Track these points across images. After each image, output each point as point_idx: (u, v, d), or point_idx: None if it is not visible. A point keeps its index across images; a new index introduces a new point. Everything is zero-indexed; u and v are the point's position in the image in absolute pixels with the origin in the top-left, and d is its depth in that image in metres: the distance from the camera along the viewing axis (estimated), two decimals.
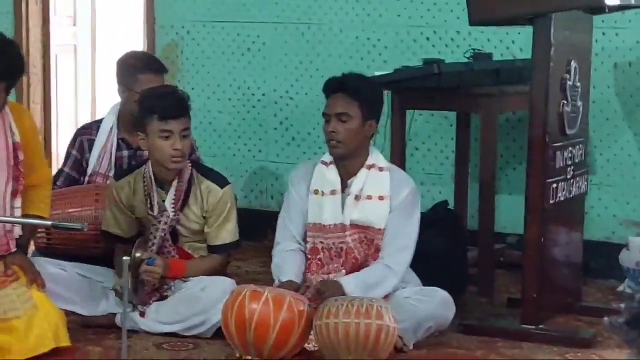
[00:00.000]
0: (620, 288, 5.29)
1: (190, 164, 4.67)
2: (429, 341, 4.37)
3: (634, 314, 2.64)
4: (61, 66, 7.56)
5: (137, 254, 4.45)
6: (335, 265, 4.42)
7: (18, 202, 4.27)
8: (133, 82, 5.12)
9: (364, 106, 4.42)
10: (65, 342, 4.17)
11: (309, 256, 4.49)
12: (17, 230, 4.23)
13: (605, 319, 5.03)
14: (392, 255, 4.39)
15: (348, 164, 4.48)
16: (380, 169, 4.49)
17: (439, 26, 6.01)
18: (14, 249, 4.25)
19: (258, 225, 5.92)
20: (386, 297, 4.32)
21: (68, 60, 7.68)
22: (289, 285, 4.29)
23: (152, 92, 4.74)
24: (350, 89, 4.43)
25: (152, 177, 4.62)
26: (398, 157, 5.16)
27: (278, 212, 4.71)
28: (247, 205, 6.31)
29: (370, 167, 4.47)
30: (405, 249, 4.42)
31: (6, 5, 7.25)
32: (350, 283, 4.29)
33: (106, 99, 5.54)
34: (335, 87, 4.47)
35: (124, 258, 3.24)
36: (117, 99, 5.30)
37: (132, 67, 5.20)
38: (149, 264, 4.46)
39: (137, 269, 4.46)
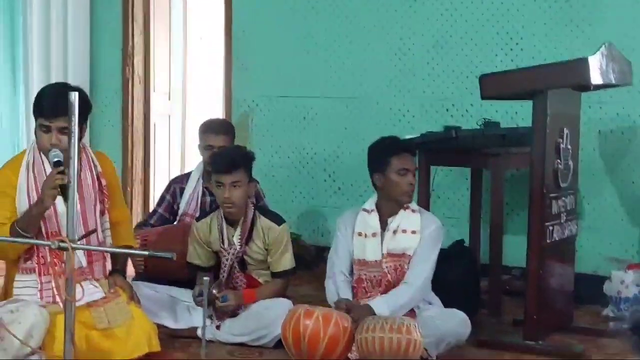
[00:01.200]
0: (605, 312, 5.16)
1: (253, 206, 4.65)
2: (449, 354, 4.26)
3: (637, 321, 2.54)
4: (158, 132, 7.58)
5: (214, 291, 4.44)
6: (375, 291, 4.35)
7: (105, 219, 4.27)
8: (203, 140, 5.19)
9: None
10: (156, 348, 4.16)
11: (355, 285, 4.42)
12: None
13: (611, 324, 5.00)
14: (414, 276, 4.32)
15: (389, 206, 4.42)
16: (413, 211, 4.43)
17: (457, 99, 5.97)
18: (107, 272, 4.27)
19: (310, 257, 5.86)
20: (414, 316, 4.24)
21: (164, 127, 7.70)
22: (345, 302, 4.25)
23: (217, 152, 4.84)
24: (412, 149, 4.48)
25: (223, 218, 4.60)
26: (424, 203, 5.10)
27: (327, 247, 4.70)
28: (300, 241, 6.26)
29: (406, 208, 4.41)
30: (423, 268, 4.34)
31: (116, 85, 7.31)
32: (380, 305, 4.20)
33: (194, 157, 5.58)
34: (403, 147, 4.43)
35: (205, 278, 3.20)
36: (201, 157, 5.32)
37: (203, 129, 5.25)
38: (223, 301, 4.46)
39: (214, 302, 4.45)
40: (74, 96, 2.98)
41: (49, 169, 4.04)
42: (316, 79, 6.50)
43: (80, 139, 4.11)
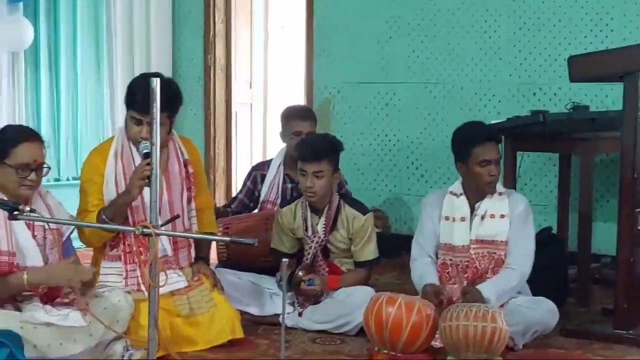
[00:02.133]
0: None
1: (338, 195, 4.65)
2: (535, 342, 4.22)
3: None
4: (240, 120, 7.65)
5: (300, 274, 4.47)
6: (460, 277, 4.32)
7: (192, 207, 4.34)
8: (289, 127, 5.19)
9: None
10: (239, 334, 4.23)
11: (439, 270, 4.40)
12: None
13: None
14: (517, 260, 4.29)
15: (477, 192, 4.38)
16: (500, 194, 4.39)
17: (544, 83, 5.88)
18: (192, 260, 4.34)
19: (393, 246, 5.84)
20: (501, 304, 4.21)
21: (245, 115, 7.78)
22: (431, 287, 4.24)
23: (305, 139, 4.82)
24: (497, 137, 4.41)
25: (308, 206, 4.62)
26: None
27: (410, 236, 4.65)
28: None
29: (493, 193, 4.37)
30: (528, 255, 4.32)
31: (197, 72, 7.40)
32: (489, 289, 4.18)
33: (275, 145, 5.64)
34: (488, 136, 4.37)
35: (284, 260, 3.22)
36: (282, 144, 5.35)
37: (288, 116, 5.26)
38: (310, 284, 4.49)
39: (299, 286, 4.49)
40: (156, 82, 3.03)
41: (137, 159, 4.13)
42: (399, 64, 6.48)
43: (169, 130, 4.19)
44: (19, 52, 6.47)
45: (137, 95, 4.03)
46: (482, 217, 4.34)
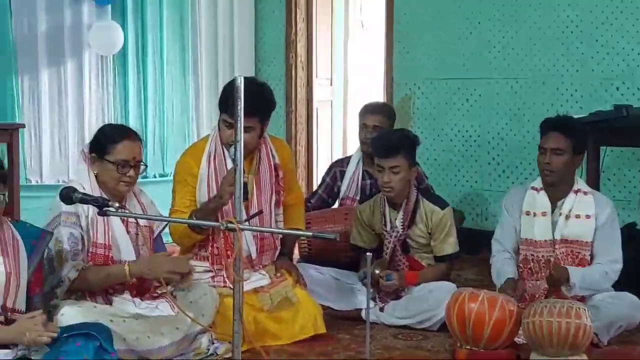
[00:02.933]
0: None
1: (416, 190, 4.60)
2: (619, 338, 4.11)
3: None
4: (321, 117, 7.66)
5: (377, 271, 4.44)
6: (543, 273, 4.24)
7: (279, 211, 4.37)
8: (359, 120, 5.29)
9: (574, 142, 4.24)
10: (322, 330, 4.22)
11: (520, 265, 4.33)
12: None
13: None
14: (608, 263, 4.22)
15: (557, 189, 4.29)
16: (585, 193, 4.29)
17: (627, 77, 5.71)
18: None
19: (474, 242, 5.77)
20: (584, 300, 4.12)
21: (326, 112, 7.78)
22: (511, 282, 4.19)
23: (378, 136, 4.83)
24: (563, 128, 4.27)
25: (386, 201, 4.59)
26: (593, 186, 4.91)
27: (491, 231, 4.59)
28: (465, 225, 6.15)
29: (577, 191, 4.29)
30: (617, 261, 4.24)
31: (279, 71, 7.44)
32: (576, 273, 4.12)
33: (355, 142, 5.64)
34: (551, 125, 4.29)
35: (367, 254, 3.19)
36: None
37: (361, 110, 5.34)
38: (388, 280, 4.45)
39: (378, 282, 4.45)
40: (240, 80, 3.04)
41: (229, 162, 4.15)
42: (479, 60, 6.39)
43: (261, 134, 4.20)
44: (107, 56, 6.57)
45: (230, 99, 4.05)
46: (567, 217, 4.26)
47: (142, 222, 3.96)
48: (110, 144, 3.85)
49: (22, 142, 5.88)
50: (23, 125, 5.83)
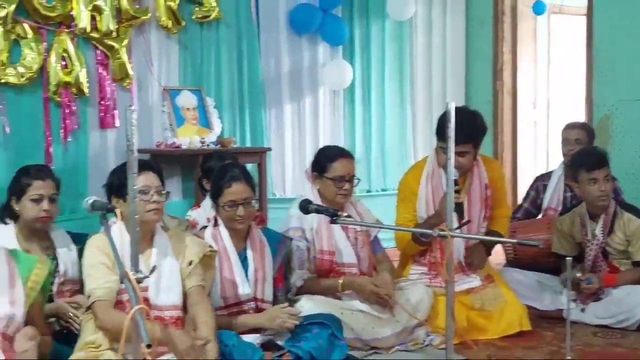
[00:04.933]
0: None
1: (614, 202, 4.42)
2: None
3: None
4: (525, 138, 7.48)
5: (578, 275, 4.27)
6: None
7: (484, 224, 4.32)
8: (564, 135, 5.10)
9: None
10: (527, 327, 4.15)
11: None
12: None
13: None
14: None
15: None
16: None
17: None
18: None
19: None
20: None
21: (529, 132, 7.59)
22: None
23: (582, 150, 4.68)
24: None
25: (586, 212, 4.42)
26: None
27: None
28: None
29: None
30: None
31: (487, 97, 7.34)
32: None
33: (557, 158, 5.47)
34: None
35: (567, 258, 3.11)
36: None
37: (564, 127, 5.17)
38: (588, 283, 4.30)
39: (578, 285, 4.31)
40: (451, 105, 3.05)
41: (444, 182, 4.15)
42: None
43: (474, 157, 4.19)
44: (339, 90, 6.75)
45: (444, 127, 4.05)
46: None
47: (359, 227, 4.04)
48: (328, 163, 3.98)
49: (269, 162, 6.15)
50: (270, 149, 6.09)
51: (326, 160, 4.00)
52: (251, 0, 6.14)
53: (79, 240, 3.59)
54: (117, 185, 3.19)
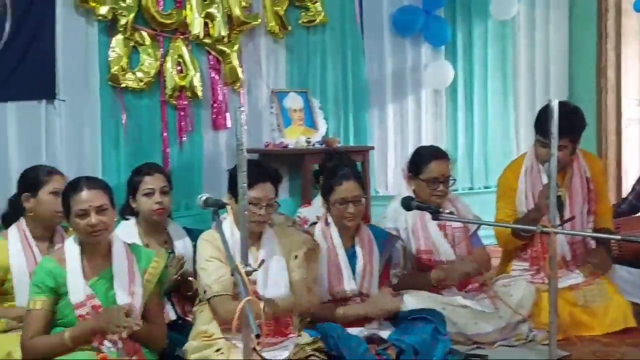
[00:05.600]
0: None
1: None
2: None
3: None
4: (629, 134, 7.18)
5: None
6: None
7: (590, 219, 4.16)
8: None
9: None
10: (632, 323, 3.99)
11: None
12: None
13: None
14: None
15: None
16: None
17: None
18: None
19: None
20: None
21: (634, 128, 7.28)
22: None
23: None
24: None
25: None
26: None
27: None
28: None
29: None
30: None
31: (591, 94, 7.09)
32: None
33: None
34: None
35: None
36: None
37: None
38: None
39: None
40: (554, 102, 2.95)
41: (543, 177, 4.06)
42: None
43: (573, 151, 4.07)
44: (440, 89, 6.67)
45: (544, 121, 3.95)
46: None
47: (456, 224, 3.96)
48: (423, 164, 3.92)
49: (372, 160, 6.14)
50: (373, 147, 6.08)
51: (421, 162, 3.95)
52: (355, 4, 6.14)
53: (192, 235, 3.66)
54: (231, 183, 3.23)
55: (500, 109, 6.98)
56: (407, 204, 3.54)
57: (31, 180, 3.46)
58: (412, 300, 3.68)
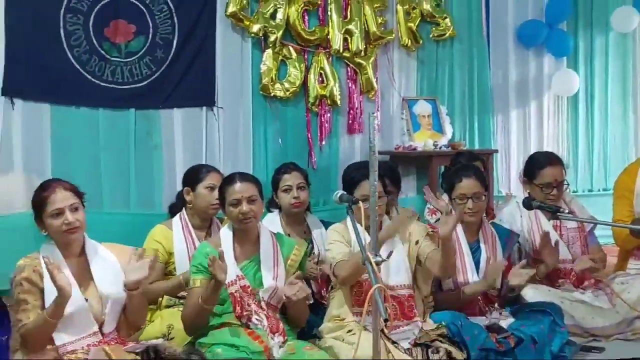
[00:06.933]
0: None
1: None
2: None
3: None
4: None
5: None
6: None
7: None
8: None
9: None
10: None
11: None
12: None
13: None
14: None
15: None
16: None
17: None
18: None
19: None
20: None
21: None
22: None
23: None
24: None
25: None
26: None
27: None
28: None
29: None
30: None
31: None
32: None
33: None
34: None
35: None
36: None
37: None
38: None
39: None
40: None
41: None
42: None
43: None
44: (563, 97, 6.46)
45: None
46: None
47: (571, 224, 3.81)
48: (537, 170, 3.79)
49: (496, 163, 6.03)
50: (496, 151, 5.98)
51: (535, 167, 3.82)
52: (482, 18, 6.04)
53: (328, 226, 3.72)
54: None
55: (620, 115, 6.69)
56: (528, 204, 3.46)
57: (192, 176, 3.66)
58: (532, 293, 3.58)
